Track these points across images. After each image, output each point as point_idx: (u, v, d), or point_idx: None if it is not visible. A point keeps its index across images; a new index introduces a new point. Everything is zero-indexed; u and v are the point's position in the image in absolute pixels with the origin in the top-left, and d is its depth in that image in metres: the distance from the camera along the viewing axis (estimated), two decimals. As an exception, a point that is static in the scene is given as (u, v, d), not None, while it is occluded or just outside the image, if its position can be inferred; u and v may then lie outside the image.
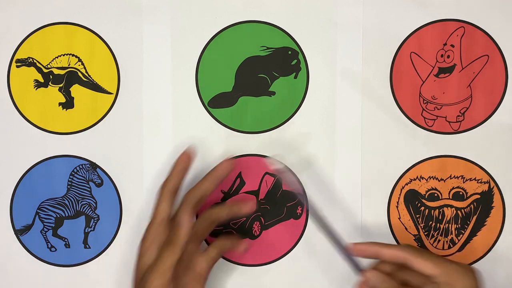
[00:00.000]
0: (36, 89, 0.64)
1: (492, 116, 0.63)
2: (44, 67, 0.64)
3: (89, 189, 0.64)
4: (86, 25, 0.64)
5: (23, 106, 0.64)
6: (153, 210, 0.58)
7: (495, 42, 0.62)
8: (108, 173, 0.64)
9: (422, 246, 0.63)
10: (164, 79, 0.64)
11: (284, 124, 0.64)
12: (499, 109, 0.63)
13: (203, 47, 0.64)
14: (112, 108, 0.64)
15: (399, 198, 0.63)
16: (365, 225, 0.63)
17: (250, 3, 0.63)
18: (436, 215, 0.63)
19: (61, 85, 0.64)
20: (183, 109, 0.64)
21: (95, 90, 0.64)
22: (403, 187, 0.63)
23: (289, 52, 0.63)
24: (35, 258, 0.64)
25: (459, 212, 0.63)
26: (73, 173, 0.64)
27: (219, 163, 0.59)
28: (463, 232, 0.63)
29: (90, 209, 0.64)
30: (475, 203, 0.63)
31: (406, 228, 0.63)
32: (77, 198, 0.64)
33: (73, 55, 0.64)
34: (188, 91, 0.64)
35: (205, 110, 0.64)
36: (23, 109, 0.64)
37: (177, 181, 0.58)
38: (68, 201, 0.64)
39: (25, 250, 0.65)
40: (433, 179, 0.63)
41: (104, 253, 0.64)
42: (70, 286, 0.64)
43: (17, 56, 0.64)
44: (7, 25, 0.64)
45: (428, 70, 0.63)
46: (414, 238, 0.63)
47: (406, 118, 0.63)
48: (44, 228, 0.64)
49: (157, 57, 0.64)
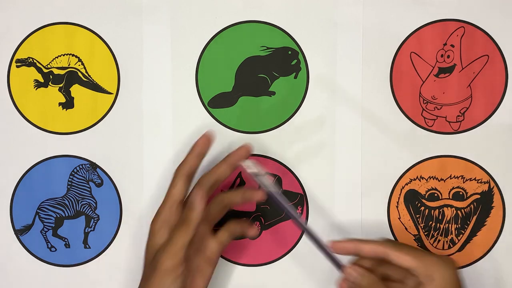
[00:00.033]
0: (36, 89, 0.64)
1: (492, 116, 0.63)
2: (44, 67, 0.64)
3: (89, 189, 0.64)
4: (86, 25, 0.64)
5: (23, 106, 0.64)
6: (167, 192, 0.57)
7: (495, 42, 0.62)
8: (108, 173, 0.64)
9: (422, 246, 0.63)
10: (164, 79, 0.64)
11: (284, 124, 0.64)
12: (499, 109, 0.62)
13: (203, 47, 0.64)
14: (112, 108, 0.64)
15: (399, 198, 0.63)
16: (365, 225, 0.63)
17: (250, 3, 0.63)
18: (436, 215, 0.63)
19: (61, 85, 0.64)
20: (183, 109, 0.64)
21: (95, 90, 0.64)
22: (403, 187, 0.63)
23: (289, 52, 0.63)
24: (35, 258, 0.64)
25: (459, 212, 0.63)
26: (73, 173, 0.64)
27: (236, 149, 0.59)
28: (463, 232, 0.63)
29: (90, 209, 0.64)
30: (475, 203, 0.63)
31: (406, 228, 0.63)
32: (77, 198, 0.64)
33: (73, 55, 0.64)
34: (188, 91, 0.64)
35: (205, 110, 0.64)
36: (23, 109, 0.64)
37: (193, 165, 0.58)
38: (68, 201, 0.64)
39: (25, 250, 0.65)
40: (433, 179, 0.63)
41: (104, 253, 0.64)
42: (70, 286, 0.64)
43: (17, 56, 0.64)
44: (7, 25, 0.64)
45: (428, 70, 0.63)
46: (414, 238, 0.63)
47: (406, 118, 0.63)
48: (44, 228, 0.64)
49: (157, 57, 0.64)
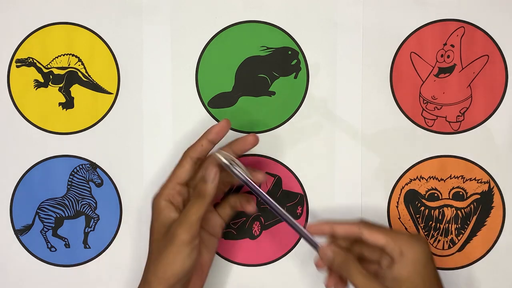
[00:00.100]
0: (36, 89, 0.64)
1: (492, 116, 0.63)
2: (44, 67, 0.64)
3: (89, 189, 0.64)
4: (86, 25, 0.64)
5: (23, 106, 0.64)
6: (172, 171, 0.57)
7: (495, 42, 0.62)
8: (108, 173, 0.64)
9: (422, 246, 0.63)
10: (164, 79, 0.64)
11: (284, 124, 0.64)
12: (499, 109, 0.62)
13: (203, 47, 0.64)
14: (112, 108, 0.64)
15: (399, 198, 0.63)
16: (365, 225, 0.63)
17: (250, 3, 0.63)
18: (436, 215, 0.63)
19: (61, 85, 0.64)
20: (183, 109, 0.64)
21: (95, 90, 0.64)
22: (403, 187, 0.63)
23: (289, 52, 0.63)
24: (35, 258, 0.64)
25: (459, 212, 0.63)
26: (73, 173, 0.64)
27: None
28: (463, 232, 0.63)
29: (90, 209, 0.64)
30: (475, 203, 0.63)
31: (406, 228, 0.63)
32: (77, 198, 0.64)
33: (73, 55, 0.64)
34: (188, 91, 0.64)
35: (205, 110, 0.64)
36: (23, 109, 0.64)
37: (203, 150, 0.57)
38: (68, 201, 0.64)
39: (25, 250, 0.65)
40: (433, 179, 0.63)
41: (104, 253, 0.64)
42: (70, 286, 0.64)
43: (17, 56, 0.64)
44: (7, 25, 0.64)
45: (428, 70, 0.63)
46: (414, 238, 0.63)
47: (406, 118, 0.63)
48: (44, 228, 0.64)
49: (157, 57, 0.64)
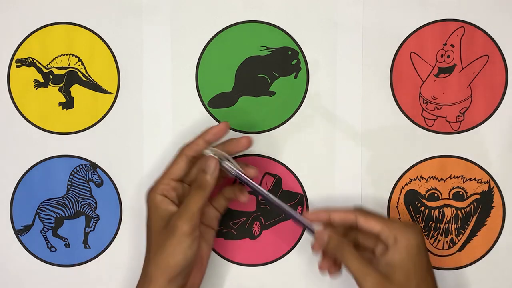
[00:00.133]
0: (36, 89, 0.64)
1: (492, 116, 0.63)
2: (44, 67, 0.64)
3: (89, 189, 0.64)
4: (86, 25, 0.64)
5: (23, 106, 0.64)
6: (166, 167, 0.57)
7: (495, 42, 0.62)
8: (108, 173, 0.64)
9: (422, 246, 0.63)
10: (164, 79, 0.64)
11: (284, 124, 0.64)
12: (499, 109, 0.62)
13: (203, 47, 0.64)
14: (112, 108, 0.64)
15: (399, 198, 0.63)
16: (365, 225, 0.63)
17: (250, 3, 0.63)
18: (436, 215, 0.63)
19: (61, 85, 0.64)
20: (183, 109, 0.64)
21: (95, 90, 0.64)
22: (403, 187, 0.63)
23: (289, 52, 0.63)
24: (35, 258, 0.64)
25: (459, 212, 0.63)
26: (73, 173, 0.64)
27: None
28: (463, 232, 0.63)
29: (90, 209, 0.64)
30: (475, 203, 0.63)
31: (406, 228, 0.63)
32: (77, 198, 0.64)
33: (73, 55, 0.64)
34: (188, 91, 0.64)
35: (205, 110, 0.64)
36: (23, 109, 0.64)
37: (198, 149, 0.57)
38: (68, 201, 0.64)
39: (25, 250, 0.65)
40: (433, 179, 0.63)
41: (104, 253, 0.64)
42: (70, 286, 0.64)
43: (17, 56, 0.64)
44: (7, 25, 0.64)
45: (428, 70, 0.63)
46: (414, 238, 0.63)
47: (406, 118, 0.63)
48: (44, 228, 0.64)
49: (157, 57, 0.64)
